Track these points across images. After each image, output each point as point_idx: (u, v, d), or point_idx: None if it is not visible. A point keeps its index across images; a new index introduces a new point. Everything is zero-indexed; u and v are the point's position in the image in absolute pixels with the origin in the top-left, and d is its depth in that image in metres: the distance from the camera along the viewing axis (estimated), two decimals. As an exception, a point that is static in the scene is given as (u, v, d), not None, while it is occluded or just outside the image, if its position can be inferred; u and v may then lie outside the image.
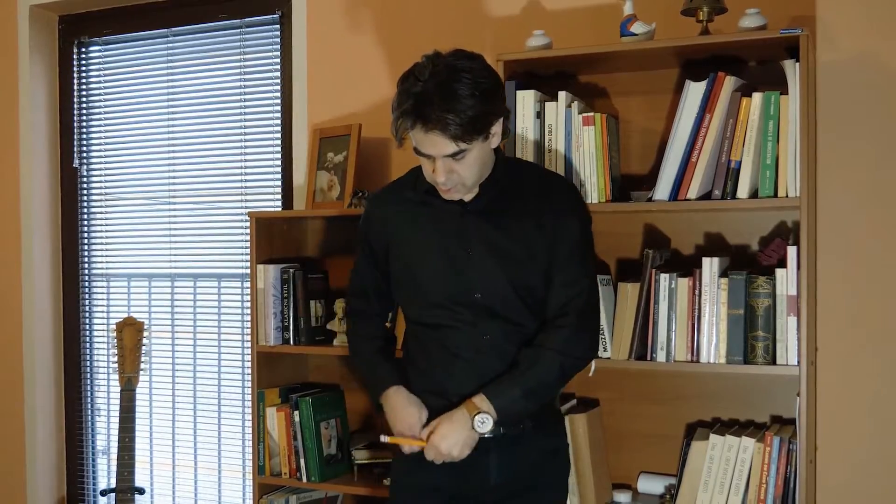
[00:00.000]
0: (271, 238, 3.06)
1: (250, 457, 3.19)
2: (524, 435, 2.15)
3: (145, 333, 3.35)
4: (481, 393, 2.09)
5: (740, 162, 2.38)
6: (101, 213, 3.88)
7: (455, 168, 2.02)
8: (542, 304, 2.15)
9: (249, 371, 3.10)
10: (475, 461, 2.11)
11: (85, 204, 3.90)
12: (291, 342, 2.97)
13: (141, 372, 3.32)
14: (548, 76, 2.75)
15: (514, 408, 2.08)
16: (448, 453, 2.07)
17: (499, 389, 2.09)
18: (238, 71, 3.55)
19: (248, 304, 3.25)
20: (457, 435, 2.07)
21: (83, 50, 3.87)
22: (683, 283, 2.45)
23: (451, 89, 1.94)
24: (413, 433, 2.15)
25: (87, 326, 3.92)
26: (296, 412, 2.92)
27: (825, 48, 2.59)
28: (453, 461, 2.10)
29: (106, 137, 3.86)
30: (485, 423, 2.06)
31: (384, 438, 2.18)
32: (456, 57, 2.00)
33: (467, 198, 2.14)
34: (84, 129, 3.89)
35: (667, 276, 2.46)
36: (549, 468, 2.24)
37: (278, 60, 3.43)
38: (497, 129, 2.05)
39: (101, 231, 3.89)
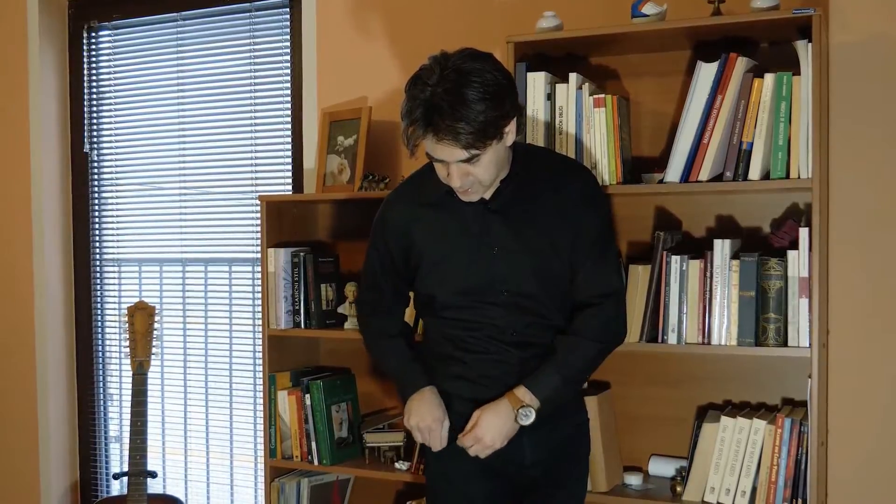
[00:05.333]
0: (282, 222, 3.06)
1: (262, 440, 3.20)
2: (552, 413, 2.16)
3: (157, 318, 3.36)
4: (523, 385, 2.10)
5: (752, 143, 2.37)
6: (111, 198, 3.89)
7: (470, 171, 2.00)
8: (565, 295, 2.16)
9: (261, 355, 3.10)
10: (510, 444, 2.13)
11: (96, 189, 3.91)
12: (302, 326, 2.98)
13: (152, 356, 3.33)
14: (558, 58, 2.74)
15: (555, 397, 2.12)
16: (492, 445, 2.10)
17: (541, 381, 2.11)
18: (248, 55, 3.54)
19: (259, 288, 3.26)
20: (501, 428, 2.10)
21: (93, 34, 3.87)
22: (695, 266, 2.44)
23: (461, 95, 1.89)
24: (430, 428, 2.17)
25: (99, 311, 3.93)
26: (307, 395, 2.93)
27: (838, 29, 2.57)
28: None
29: (116, 122, 3.86)
30: (528, 417, 2.09)
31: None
32: (463, 58, 1.94)
33: (487, 195, 2.12)
34: (94, 114, 3.89)
35: (678, 258, 2.46)
36: (576, 442, 2.29)
37: (288, 44, 3.42)
38: (511, 128, 2.01)
39: (112, 216, 3.90)
